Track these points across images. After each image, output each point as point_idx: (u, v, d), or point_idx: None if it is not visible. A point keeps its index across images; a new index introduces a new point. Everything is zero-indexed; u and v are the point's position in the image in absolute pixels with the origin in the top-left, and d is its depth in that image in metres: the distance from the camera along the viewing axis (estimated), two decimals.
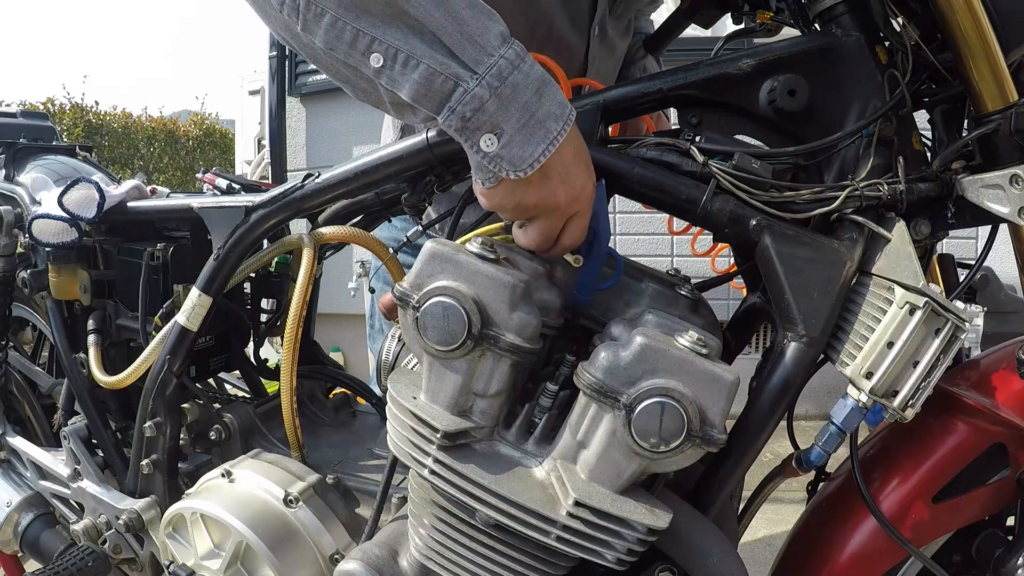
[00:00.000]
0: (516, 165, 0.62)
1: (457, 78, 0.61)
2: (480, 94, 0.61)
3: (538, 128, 0.62)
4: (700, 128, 0.74)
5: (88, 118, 7.72)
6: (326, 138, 3.80)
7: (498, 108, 0.61)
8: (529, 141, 0.62)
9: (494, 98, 0.61)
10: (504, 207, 0.67)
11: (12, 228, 1.19)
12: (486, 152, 0.62)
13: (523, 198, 0.65)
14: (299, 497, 0.82)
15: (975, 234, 2.54)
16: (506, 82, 0.61)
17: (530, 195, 0.65)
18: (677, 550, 0.66)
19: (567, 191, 0.65)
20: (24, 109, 1.65)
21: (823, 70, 0.70)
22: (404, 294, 0.63)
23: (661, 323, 0.64)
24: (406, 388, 0.67)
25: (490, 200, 0.67)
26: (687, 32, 1.04)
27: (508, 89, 0.61)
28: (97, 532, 1.05)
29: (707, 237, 0.76)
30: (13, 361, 1.32)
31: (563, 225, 0.67)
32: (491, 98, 0.61)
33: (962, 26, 0.65)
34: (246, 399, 1.08)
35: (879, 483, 0.74)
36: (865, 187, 0.67)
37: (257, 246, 0.91)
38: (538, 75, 0.63)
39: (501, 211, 0.68)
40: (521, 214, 0.67)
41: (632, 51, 1.22)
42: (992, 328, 2.10)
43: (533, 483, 0.61)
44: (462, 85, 0.61)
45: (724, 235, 0.71)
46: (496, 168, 0.63)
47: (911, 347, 0.62)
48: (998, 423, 0.72)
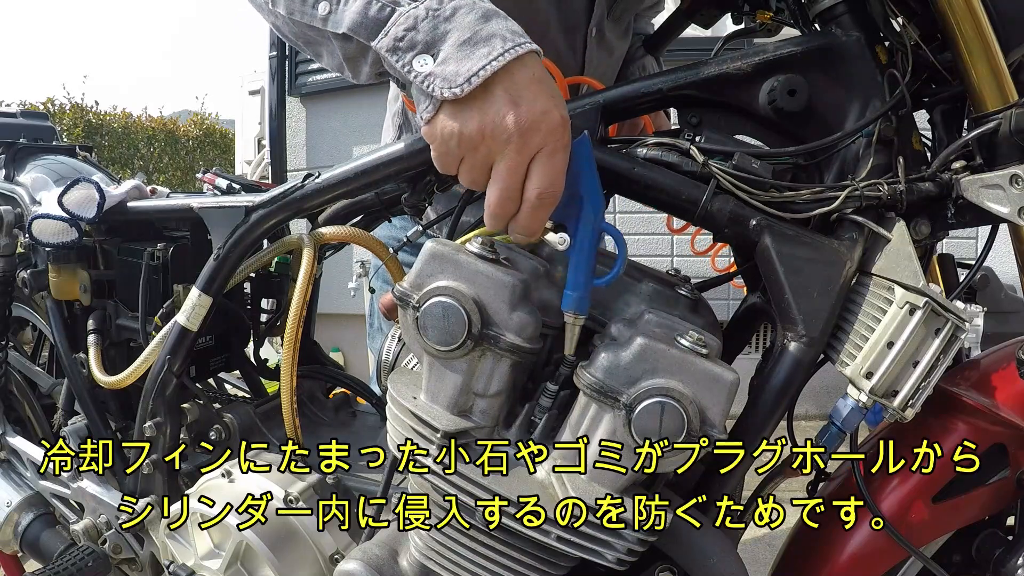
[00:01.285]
0: (450, 81, 0.56)
1: (395, 3, 0.59)
2: (416, 14, 0.58)
3: (480, 45, 0.57)
4: (700, 128, 0.73)
5: (88, 118, 7.72)
6: (326, 138, 3.80)
7: (434, 27, 0.58)
8: (468, 57, 0.56)
9: (430, 18, 0.58)
10: (447, 140, 0.59)
11: (12, 228, 1.18)
12: (419, 71, 0.58)
13: (463, 124, 0.58)
14: (299, 497, 0.82)
15: (975, 234, 2.54)
16: (446, 5, 0.58)
17: (470, 119, 0.57)
18: (677, 550, 0.66)
19: (519, 114, 0.56)
20: (24, 109, 1.65)
21: (823, 70, 0.70)
22: (404, 294, 0.63)
23: (661, 323, 0.64)
24: (406, 388, 0.67)
25: (431, 136, 0.61)
26: (687, 32, 1.04)
27: (448, 11, 0.58)
28: (97, 532, 1.05)
29: (707, 236, 0.76)
30: (13, 361, 1.32)
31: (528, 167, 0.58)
32: (427, 18, 0.58)
33: (962, 26, 0.65)
34: (246, 399, 1.08)
35: (879, 483, 0.74)
36: (865, 187, 0.67)
37: (257, 246, 0.91)
38: (487, 7, 0.59)
39: (445, 149, 0.61)
40: (470, 152, 0.59)
41: (631, 51, 1.22)
42: (992, 328, 2.10)
43: (533, 483, 0.61)
44: (398, 7, 0.59)
45: (724, 235, 0.71)
46: (429, 88, 0.57)
47: (911, 347, 0.62)
48: (998, 423, 0.72)
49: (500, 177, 0.59)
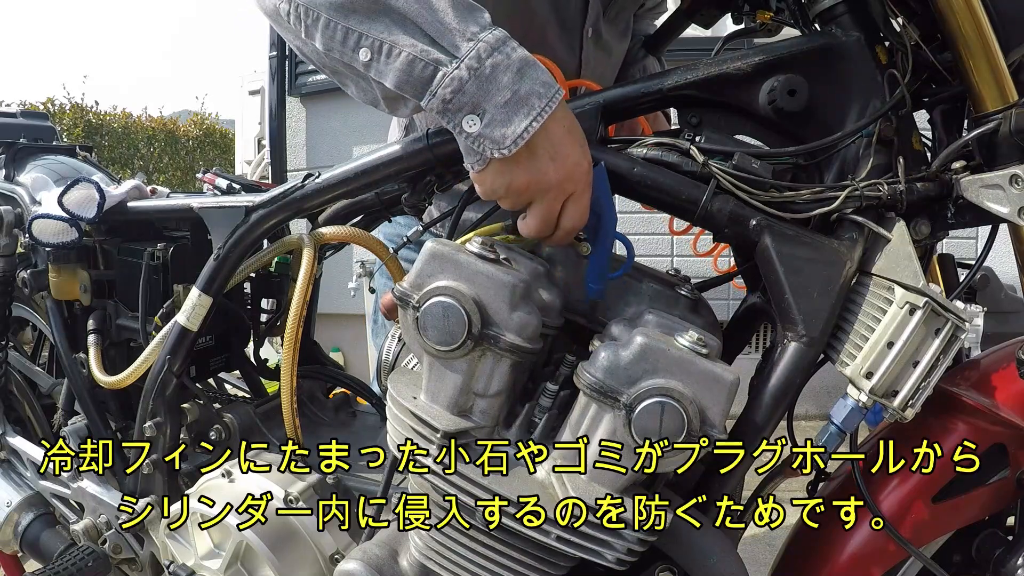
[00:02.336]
0: (499, 143, 0.63)
1: (437, 63, 0.63)
2: (459, 75, 0.62)
3: (521, 106, 0.63)
4: (700, 128, 0.74)
5: (88, 118, 7.72)
6: (326, 138, 3.80)
7: (478, 88, 0.63)
8: (512, 119, 0.63)
9: (474, 79, 0.62)
10: (496, 190, 0.67)
11: (12, 228, 1.18)
12: (469, 133, 0.63)
13: (513, 179, 0.65)
14: (299, 497, 0.82)
15: (975, 234, 2.54)
16: (485, 63, 0.63)
17: (519, 175, 0.65)
18: (677, 550, 0.66)
19: (558, 169, 0.65)
20: (24, 109, 1.65)
21: (823, 70, 0.70)
22: (404, 294, 0.63)
23: (661, 323, 0.64)
24: (406, 388, 0.67)
25: (482, 184, 0.68)
26: (687, 32, 1.04)
27: (488, 70, 0.63)
28: (97, 532, 1.05)
29: (709, 237, 0.76)
30: (13, 361, 1.31)
31: (561, 207, 0.67)
32: (471, 79, 0.62)
33: (962, 26, 0.65)
34: (246, 399, 1.08)
35: (879, 483, 0.74)
36: (865, 187, 0.67)
37: (257, 246, 0.91)
38: (520, 56, 0.64)
39: (495, 196, 0.68)
40: (515, 197, 0.67)
41: (632, 52, 1.22)
42: (992, 328, 2.10)
43: (533, 483, 0.61)
44: (442, 69, 0.63)
45: (724, 235, 0.71)
46: (480, 148, 0.64)
47: (911, 347, 0.62)
48: (998, 423, 0.72)
49: (540, 215, 0.67)
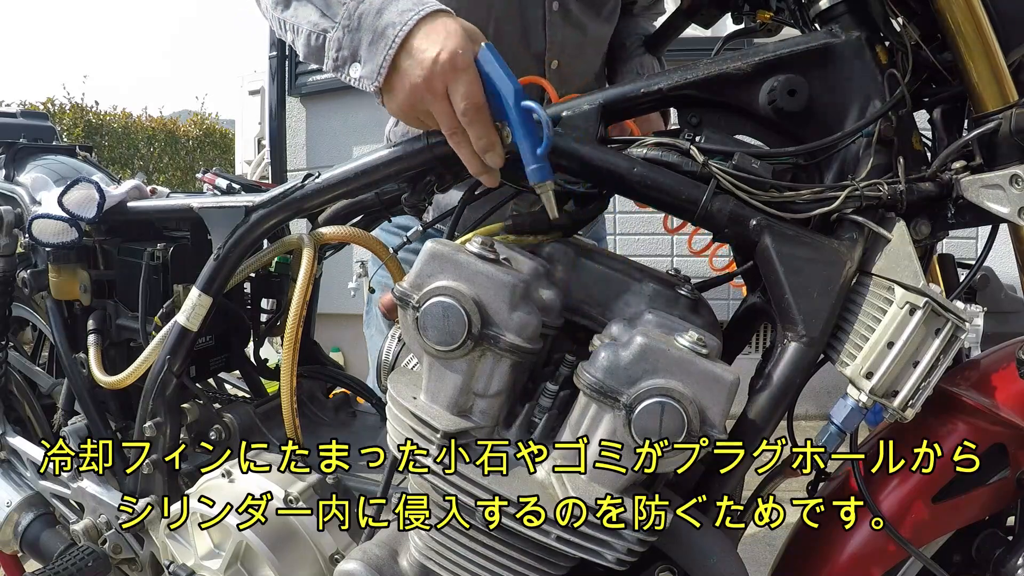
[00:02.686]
0: (371, 79, 0.72)
1: (324, 31, 0.75)
2: (338, 36, 0.73)
3: (380, 40, 0.71)
4: (700, 128, 0.73)
5: (88, 118, 7.72)
6: (326, 138, 3.80)
7: (351, 40, 0.73)
8: (375, 54, 0.71)
9: (347, 34, 0.73)
10: (401, 114, 0.73)
11: (12, 228, 1.18)
12: (354, 78, 0.73)
13: (399, 100, 0.72)
14: (299, 497, 0.82)
15: (975, 234, 2.54)
16: (354, 17, 0.72)
17: (399, 94, 0.72)
18: (677, 550, 0.65)
19: (426, 72, 0.68)
20: (24, 109, 1.65)
21: (823, 70, 0.70)
22: (404, 294, 0.63)
23: (661, 323, 0.64)
24: (406, 388, 0.67)
25: (390, 112, 0.75)
26: (687, 32, 1.04)
27: (356, 22, 0.72)
28: (97, 532, 1.05)
29: (704, 235, 0.76)
30: (13, 361, 1.31)
31: (448, 99, 0.70)
32: (345, 35, 0.73)
33: (962, 26, 0.65)
34: (246, 399, 1.08)
35: (879, 483, 0.74)
36: (865, 187, 0.67)
37: (257, 246, 0.91)
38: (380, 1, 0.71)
39: (404, 120, 0.75)
40: (412, 114, 0.73)
41: (629, 48, 1.22)
42: (992, 328, 2.10)
43: (533, 483, 0.61)
44: (327, 35, 0.74)
45: (724, 235, 0.71)
46: (364, 87, 0.72)
47: (911, 347, 0.62)
48: (998, 423, 0.72)
49: (438, 120, 0.71)
